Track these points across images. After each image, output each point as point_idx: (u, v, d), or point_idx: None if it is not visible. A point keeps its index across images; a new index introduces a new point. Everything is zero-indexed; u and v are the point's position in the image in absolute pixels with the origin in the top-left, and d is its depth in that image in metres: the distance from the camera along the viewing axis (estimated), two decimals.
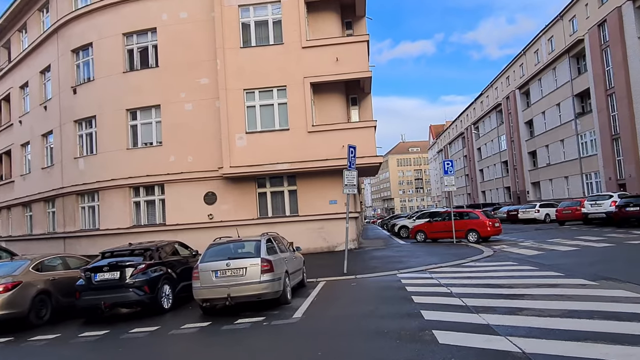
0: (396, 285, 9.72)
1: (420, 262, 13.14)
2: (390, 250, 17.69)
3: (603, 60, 34.65)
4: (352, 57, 17.57)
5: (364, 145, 16.97)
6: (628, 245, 13.38)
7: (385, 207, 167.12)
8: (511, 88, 54.12)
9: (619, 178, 33.57)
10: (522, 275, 9.41)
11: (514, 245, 16.53)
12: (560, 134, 42.30)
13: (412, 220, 26.16)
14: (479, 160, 69.26)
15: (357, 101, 20.68)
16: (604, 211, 22.01)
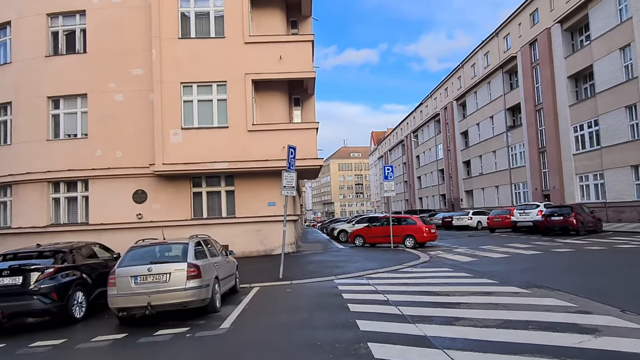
0: (333, 292, 9.36)
1: (358, 268, 12.92)
2: (328, 255, 17.40)
3: (533, 77, 36.73)
4: (296, 56, 17.16)
5: (305, 147, 16.61)
6: (554, 253, 13.93)
7: (325, 210, 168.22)
8: (449, 99, 56.21)
9: (544, 189, 35.66)
10: (457, 283, 9.38)
11: (449, 251, 16.81)
12: (493, 145, 44.39)
13: (351, 225, 26.14)
14: (417, 167, 71.38)
15: (300, 102, 20.30)
16: (531, 220, 23.13)
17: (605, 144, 28.33)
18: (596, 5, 28.77)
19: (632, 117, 26.46)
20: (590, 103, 29.83)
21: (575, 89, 32.42)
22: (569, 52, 32.41)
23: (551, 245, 16.34)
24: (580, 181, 31.37)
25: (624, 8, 26.78)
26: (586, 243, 16.25)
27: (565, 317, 5.90)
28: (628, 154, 26.53)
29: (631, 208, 26.52)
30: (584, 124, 30.66)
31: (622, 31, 26.66)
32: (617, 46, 27.18)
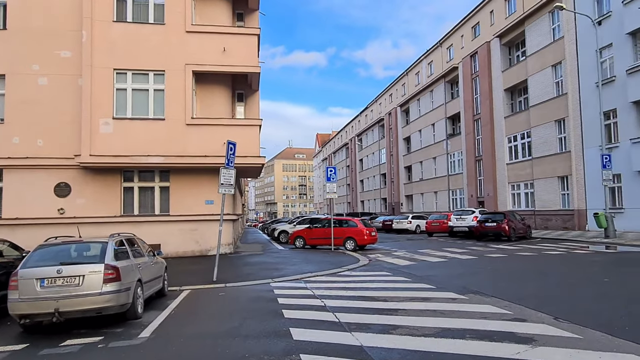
0: (268, 296, 8.88)
1: (297, 270, 12.52)
2: (267, 256, 16.87)
3: (473, 88, 38.18)
4: (241, 49, 16.52)
5: (247, 144, 16.03)
6: (488, 258, 14.26)
7: (268, 211, 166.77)
8: (393, 105, 57.37)
9: (479, 196, 37.12)
10: (396, 287, 9.22)
11: (389, 254, 16.83)
12: (433, 152, 45.72)
13: (292, 226, 25.73)
14: (360, 171, 72.31)
15: (244, 98, 19.62)
16: (467, 225, 23.84)
17: (536, 155, 29.88)
18: (532, 23, 30.30)
19: (561, 131, 28.08)
20: (524, 116, 31.38)
21: (510, 101, 34.02)
22: (506, 66, 33.96)
23: (485, 250, 16.80)
24: (513, 189, 32.91)
25: (557, 27, 28.39)
26: (517, 249, 16.86)
27: (502, 325, 5.81)
28: (556, 166, 28.11)
29: (557, 216, 28.11)
30: (518, 135, 32.20)
31: (555, 49, 28.25)
32: (549, 63, 28.76)
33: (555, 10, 28.27)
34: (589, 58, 25.34)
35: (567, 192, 27.37)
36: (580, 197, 26.15)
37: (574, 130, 26.54)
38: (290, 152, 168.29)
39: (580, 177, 26.14)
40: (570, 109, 26.75)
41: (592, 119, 25.18)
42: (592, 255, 14.45)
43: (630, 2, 22.13)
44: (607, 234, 19.32)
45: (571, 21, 26.68)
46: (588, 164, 25.54)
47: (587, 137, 25.64)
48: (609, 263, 12.25)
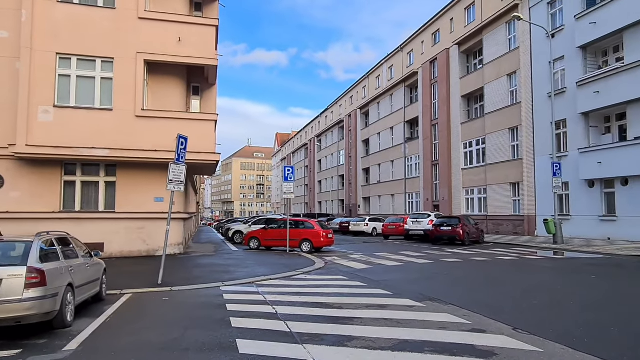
0: (216, 302, 8.30)
1: (249, 273, 11.96)
2: (219, 258, 16.16)
3: (431, 94, 38.76)
4: (198, 40, 15.76)
5: (202, 140, 15.30)
6: (443, 262, 14.23)
7: (224, 210, 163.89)
8: (354, 107, 57.55)
9: (435, 200, 37.70)
10: (352, 293, 8.87)
11: (345, 257, 16.54)
12: (391, 155, 46.14)
13: (247, 226, 25.04)
14: (319, 172, 72.17)
15: (200, 91, 18.79)
16: (423, 229, 24.00)
17: (490, 162, 30.60)
18: (490, 32, 31.04)
19: (514, 139, 28.87)
20: (480, 122, 32.09)
21: (467, 108, 34.75)
22: (464, 73, 34.66)
23: (440, 254, 16.83)
24: (467, 194, 33.60)
25: (513, 38, 29.19)
26: (472, 253, 17.00)
27: (461, 336, 5.54)
28: (509, 172, 28.88)
29: (508, 221, 28.87)
30: (473, 142, 32.90)
31: (510, 59, 29.03)
32: (505, 72, 29.53)
33: (512, 21, 29.06)
34: (542, 69, 26.18)
35: (518, 199, 28.17)
36: (531, 203, 26.96)
37: (526, 139, 27.34)
38: (249, 150, 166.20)
39: (530, 184, 26.95)
40: (523, 117, 27.55)
41: (543, 128, 26.02)
42: (542, 261, 14.72)
43: (582, 17, 22.99)
44: (556, 240, 19.91)
45: (526, 33, 27.49)
46: (538, 171, 26.37)
47: (538, 146, 26.47)
48: (559, 269, 12.46)
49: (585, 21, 22.77)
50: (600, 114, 23.18)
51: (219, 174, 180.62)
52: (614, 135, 22.68)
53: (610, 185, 21.93)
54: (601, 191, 22.38)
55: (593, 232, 22.46)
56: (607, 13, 21.54)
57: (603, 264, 13.44)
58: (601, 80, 21.78)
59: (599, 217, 22.32)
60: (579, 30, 23.22)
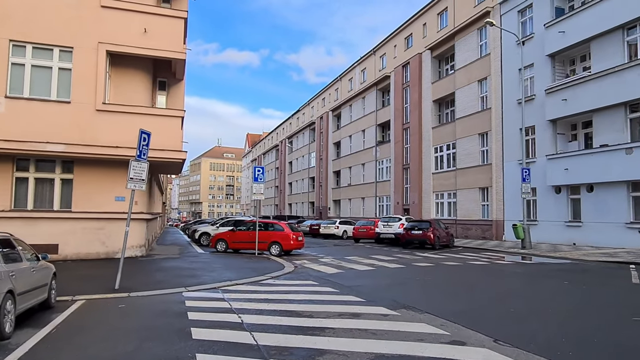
0: (177, 310, 7.70)
1: (215, 278, 11.35)
2: (184, 261, 15.42)
3: (403, 98, 38.88)
4: (165, 32, 15.03)
5: (167, 137, 14.59)
6: (415, 267, 13.98)
7: (192, 210, 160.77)
8: (325, 109, 57.32)
9: (405, 203, 37.78)
10: (323, 300, 8.43)
11: (315, 261, 16.10)
12: (362, 158, 46.07)
13: (215, 227, 24.26)
14: (290, 173, 71.57)
15: (167, 86, 17.99)
16: (393, 232, 23.84)
17: (460, 166, 30.83)
18: (462, 38, 31.32)
19: (484, 144, 29.16)
20: (451, 127, 32.32)
21: (438, 112, 34.97)
22: (435, 78, 34.90)
23: (412, 258, 16.63)
24: (437, 198, 33.77)
25: (484, 45, 29.52)
26: (443, 258, 16.87)
27: (441, 350, 5.18)
28: (478, 177, 29.14)
29: (477, 226, 29.12)
30: (444, 146, 33.11)
31: (481, 65, 29.35)
32: (476, 78, 29.83)
33: (484, 28, 29.42)
34: (512, 76, 26.54)
35: (487, 203, 28.46)
36: (499, 208, 27.26)
37: (495, 144, 27.66)
38: (219, 150, 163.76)
39: (499, 189, 27.26)
40: (493, 123, 27.86)
41: (512, 134, 26.35)
42: (513, 266, 14.69)
43: (551, 26, 23.40)
44: (524, 245, 20.08)
45: (497, 40, 27.84)
46: (507, 177, 26.69)
47: (507, 151, 26.80)
48: (531, 275, 12.40)
49: (555, 30, 23.18)
50: (567, 122, 23.64)
51: (187, 174, 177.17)
52: (580, 143, 23.15)
53: (576, 191, 22.35)
54: (567, 197, 22.79)
55: (559, 237, 22.84)
56: (575, 23, 21.98)
57: (572, 269, 13.50)
58: (569, 88, 22.19)
59: (565, 222, 22.71)
60: (548, 38, 23.63)
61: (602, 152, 20.50)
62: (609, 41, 20.55)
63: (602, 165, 20.43)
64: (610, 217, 20.28)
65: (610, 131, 20.42)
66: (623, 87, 19.55)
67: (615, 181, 20.00)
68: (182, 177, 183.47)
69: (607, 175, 20.26)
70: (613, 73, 19.99)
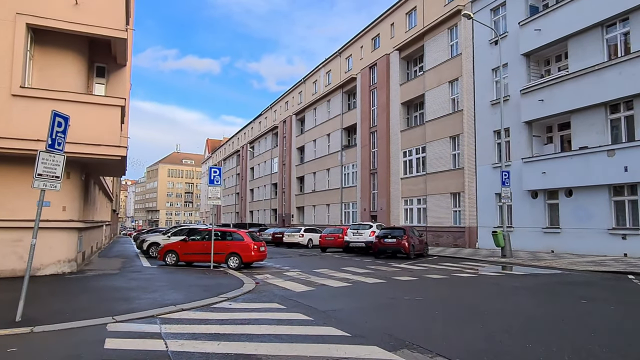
0: (91, 356, 5.46)
1: (156, 301, 9.06)
2: (122, 277, 12.94)
3: (370, 100, 37.47)
4: (102, 5, 12.65)
5: (104, 130, 12.20)
6: (397, 282, 12.15)
7: (149, 218, 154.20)
8: (289, 113, 55.37)
9: (372, 210, 36.21)
10: (293, 335, 6.37)
11: (280, 274, 14.00)
12: (328, 163, 44.34)
13: (166, 237, 21.68)
14: (251, 179, 68.97)
15: (106, 74, 15.45)
16: (364, 240, 22.04)
17: (430, 171, 29.55)
18: (431, 38, 30.20)
19: (455, 147, 27.98)
20: (420, 130, 31.06)
21: (407, 115, 33.72)
22: (404, 80, 33.67)
23: (390, 271, 14.81)
24: (406, 204, 32.37)
25: (455, 45, 28.46)
26: (423, 269, 15.16)
27: None
28: (449, 182, 27.89)
29: (448, 233, 27.81)
30: (413, 150, 31.80)
31: (452, 66, 28.25)
32: (446, 79, 28.71)
33: (454, 27, 28.38)
34: (484, 76, 25.51)
35: (459, 209, 27.22)
36: (472, 214, 26.04)
37: (467, 147, 26.51)
38: (177, 157, 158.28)
39: (472, 195, 26.06)
40: (465, 125, 26.73)
41: (485, 137, 25.25)
42: (506, 278, 13.11)
43: (527, 24, 22.46)
44: (504, 253, 18.74)
45: (469, 39, 26.81)
46: (480, 181, 25.54)
47: (480, 155, 25.67)
48: (534, 290, 10.81)
49: (530, 28, 22.25)
50: (543, 124, 22.71)
51: (143, 180, 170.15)
52: (556, 146, 22.24)
53: (554, 196, 21.33)
54: (545, 202, 21.75)
55: (536, 244, 21.73)
56: (552, 20, 21.08)
57: (572, 282, 12.05)
58: (546, 88, 21.23)
59: (542, 229, 21.63)
60: (523, 37, 22.68)
61: (582, 155, 19.55)
62: (587, 39, 19.70)
63: (582, 168, 19.46)
64: (591, 222, 19.28)
65: (589, 133, 19.50)
66: (603, 86, 18.66)
67: (596, 185, 19.05)
68: (139, 184, 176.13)
69: (587, 179, 19.30)
70: (592, 72, 19.11)
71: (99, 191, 23.99)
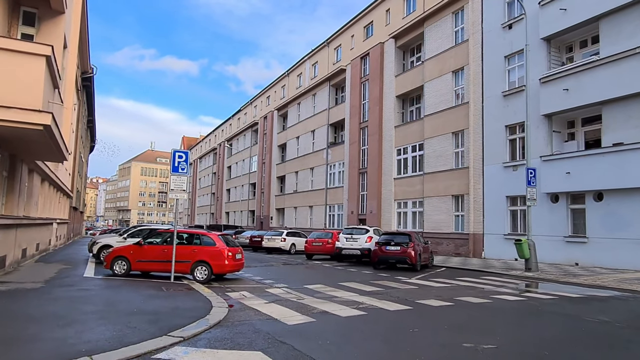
0: None
1: (63, 345, 5.56)
2: (40, 297, 9.26)
3: (361, 93, 34.35)
4: None
5: (16, 87, 8.59)
6: (427, 309, 8.87)
7: (120, 218, 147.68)
8: (270, 108, 51.95)
9: (361, 213, 33.01)
10: None
11: (261, 292, 10.59)
12: (311, 161, 41.03)
13: (122, 239, 17.93)
14: (228, 179, 65.06)
15: (37, 21, 11.75)
16: (360, 248, 18.74)
17: (429, 170, 26.55)
18: (433, 24, 27.29)
19: (458, 144, 25.05)
20: (417, 125, 28.07)
21: (402, 109, 30.70)
22: (399, 71, 30.67)
23: (403, 289, 11.55)
24: (399, 207, 29.29)
25: (461, 30, 25.59)
26: (446, 287, 11.96)
27: None
28: (451, 183, 24.93)
29: (449, 240, 24.82)
30: (409, 147, 28.79)
31: (457, 54, 25.35)
32: (449, 69, 25.79)
33: (460, 11, 25.52)
34: (495, 65, 22.66)
35: (462, 214, 24.24)
36: (477, 219, 23.09)
37: (473, 144, 23.58)
38: (152, 155, 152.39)
39: (478, 197, 23.12)
40: (471, 120, 23.80)
41: (494, 132, 22.37)
42: (577, 306, 10.00)
43: (549, 4, 19.69)
44: (529, 265, 15.72)
45: (477, 24, 23.96)
46: (488, 182, 22.63)
47: (488, 153, 22.76)
48: (632, 327, 7.73)
49: (553, 8, 19.46)
50: (564, 117, 19.93)
51: (115, 178, 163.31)
52: (579, 143, 19.46)
53: (580, 200, 18.51)
54: (567, 207, 18.90)
55: (557, 255, 18.85)
56: None
57: None
58: (572, 76, 18.44)
59: (564, 237, 18.77)
60: (545, 18, 19.89)
61: (616, 153, 16.77)
62: (625, 18, 16.96)
63: (616, 168, 16.67)
64: (627, 231, 16.47)
65: (626, 127, 16.73)
66: None
67: (634, 187, 16.26)
68: (110, 182, 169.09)
69: (623, 181, 16.50)
70: (632, 56, 16.36)
71: (44, 182, 20.07)
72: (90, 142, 48.84)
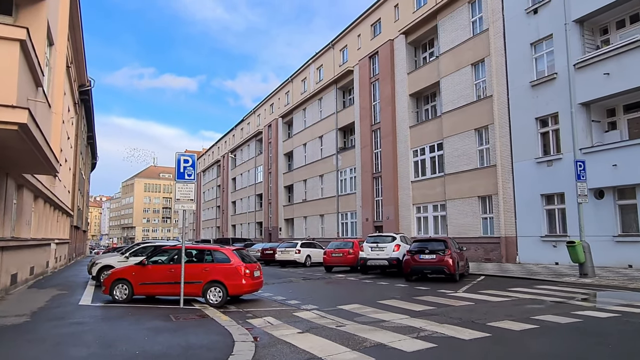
0: None
1: None
2: (19, 338, 7.52)
3: (371, 94, 32.72)
4: None
5: None
6: (510, 336, 7.07)
7: (124, 236, 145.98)
8: (274, 116, 50.40)
9: (377, 220, 31.20)
10: None
11: (289, 316, 8.82)
12: (320, 168, 39.31)
13: (124, 258, 16.19)
14: (233, 191, 63.37)
15: (14, 8, 10.15)
16: (387, 257, 16.92)
17: (450, 171, 24.77)
18: (447, 16, 25.69)
19: (483, 142, 23.29)
20: (435, 124, 26.35)
21: (417, 108, 29.01)
22: (412, 68, 29.05)
23: (458, 306, 9.74)
24: (418, 212, 27.47)
25: (478, 20, 23.96)
26: (510, 302, 10.13)
27: None
28: (476, 183, 23.13)
29: (477, 245, 22.95)
30: (426, 148, 27.05)
31: (475, 45, 23.70)
32: (468, 62, 24.13)
33: (476, 0, 23.93)
34: (520, 53, 20.99)
35: (491, 216, 22.40)
36: (509, 221, 21.25)
37: (500, 141, 21.82)
38: (155, 170, 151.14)
39: (508, 197, 21.30)
40: (496, 114, 22.06)
41: (524, 126, 20.63)
42: None
43: None
44: (585, 270, 13.87)
45: (497, 11, 22.33)
46: (518, 181, 20.83)
47: (517, 149, 21.00)
48: None
49: None
50: (603, 105, 18.19)
51: (118, 196, 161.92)
52: (622, 132, 17.68)
53: (629, 195, 16.69)
54: (614, 203, 17.08)
55: (606, 257, 16.95)
56: None
57: None
58: (612, 58, 16.74)
59: (613, 237, 16.91)
60: None
61: None
62: None
63: None
64: None
65: None
66: None
67: None
68: (113, 200, 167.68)
69: None
70: None
71: (38, 200, 18.40)
72: (91, 159, 47.35)
